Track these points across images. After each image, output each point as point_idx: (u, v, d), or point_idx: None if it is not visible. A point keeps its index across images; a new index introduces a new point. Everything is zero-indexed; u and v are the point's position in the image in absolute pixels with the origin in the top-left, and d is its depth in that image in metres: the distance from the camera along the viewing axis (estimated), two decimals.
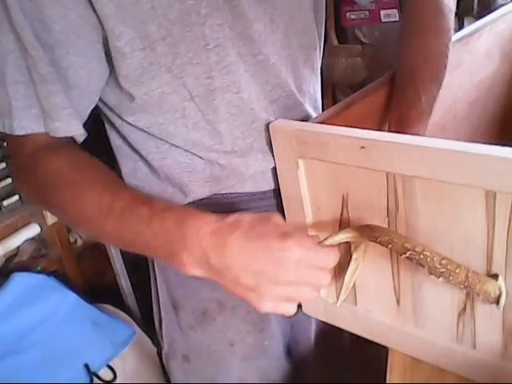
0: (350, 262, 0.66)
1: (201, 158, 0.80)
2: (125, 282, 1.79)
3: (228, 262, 0.58)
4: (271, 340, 0.91)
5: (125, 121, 0.78)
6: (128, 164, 0.85)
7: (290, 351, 0.97)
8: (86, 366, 1.36)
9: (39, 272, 1.54)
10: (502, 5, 1.28)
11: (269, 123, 0.74)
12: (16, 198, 1.44)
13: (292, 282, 0.58)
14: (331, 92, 1.81)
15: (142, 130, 0.78)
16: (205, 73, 0.72)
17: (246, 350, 0.90)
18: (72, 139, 0.75)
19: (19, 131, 0.70)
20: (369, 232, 0.63)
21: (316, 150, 0.65)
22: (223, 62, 0.73)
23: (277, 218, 0.61)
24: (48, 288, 1.48)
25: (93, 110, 0.77)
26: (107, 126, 0.85)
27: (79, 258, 1.71)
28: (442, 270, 0.57)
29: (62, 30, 0.65)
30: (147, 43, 0.68)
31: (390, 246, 0.60)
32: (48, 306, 1.43)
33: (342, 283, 0.67)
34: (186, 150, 0.79)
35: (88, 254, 1.77)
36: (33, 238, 1.56)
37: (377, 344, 0.76)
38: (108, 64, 0.71)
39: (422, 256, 0.58)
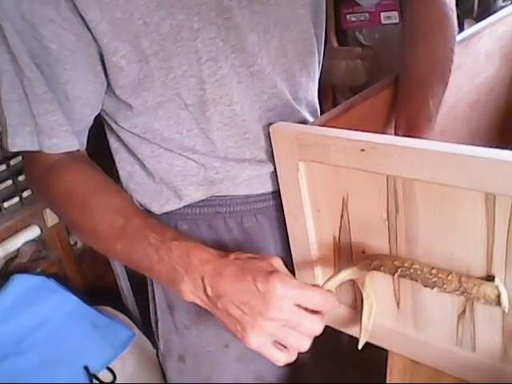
0: (362, 302, 0.68)
1: (195, 161, 0.81)
2: (125, 284, 1.79)
3: (220, 292, 0.61)
4: None
5: (121, 126, 0.79)
6: (125, 167, 0.86)
7: None
8: (86, 368, 1.36)
9: (39, 274, 1.53)
10: (503, 7, 1.29)
11: (268, 130, 0.74)
12: (16, 199, 1.44)
13: (276, 318, 0.59)
14: (331, 94, 1.81)
15: (137, 134, 0.79)
16: (197, 84, 0.73)
17: (240, 352, 0.90)
18: (79, 153, 0.77)
19: (12, 148, 0.73)
20: (363, 262, 0.64)
21: (316, 152, 0.65)
22: (216, 74, 0.73)
23: (276, 260, 0.62)
24: (48, 290, 1.47)
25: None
26: (106, 130, 0.86)
27: (79, 260, 1.71)
28: (434, 279, 0.58)
29: (58, 48, 0.67)
30: (142, 57, 0.69)
31: (382, 268, 0.62)
32: (48, 308, 1.43)
33: (361, 326, 0.68)
34: (180, 154, 0.80)
35: (88, 256, 1.77)
36: (33, 240, 1.55)
37: (377, 346, 0.76)
38: (105, 76, 0.73)
39: (412, 270, 0.59)
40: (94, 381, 1.35)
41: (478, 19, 1.18)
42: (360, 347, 0.68)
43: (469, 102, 1.02)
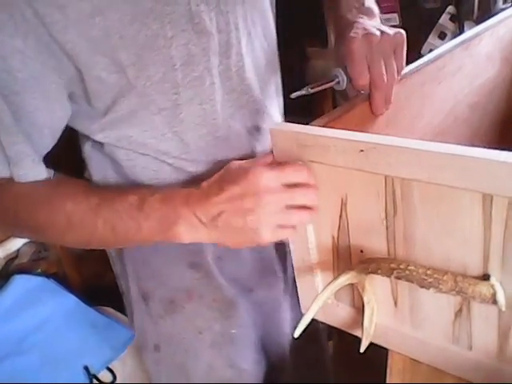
0: (363, 306, 0.69)
1: (170, 165, 0.83)
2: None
3: (214, 212, 0.66)
4: (239, 328, 0.94)
5: (95, 138, 0.81)
6: (98, 173, 0.88)
7: (266, 347, 0.99)
8: (86, 368, 1.37)
9: (39, 274, 1.55)
10: (503, 9, 1.30)
11: (239, 129, 0.78)
12: None
13: (272, 200, 0.64)
14: (331, 95, 1.83)
15: (112, 144, 0.81)
16: (172, 89, 0.76)
17: (213, 338, 0.93)
18: None
19: None
20: (361, 266, 0.66)
21: (316, 153, 0.66)
22: (188, 77, 0.76)
23: (234, 163, 0.68)
24: (48, 290, 1.49)
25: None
26: (80, 139, 0.88)
27: (79, 260, 1.73)
28: (430, 280, 0.60)
29: (26, 77, 0.69)
30: (119, 68, 0.71)
31: (379, 271, 0.64)
32: (48, 309, 1.45)
33: (362, 329, 0.70)
34: (154, 158, 0.82)
35: (88, 257, 1.79)
36: (33, 241, 1.57)
37: (376, 345, 0.77)
38: (69, 104, 0.75)
39: (407, 272, 0.61)
40: (94, 381, 1.37)
41: (478, 21, 1.20)
42: (362, 350, 0.70)
43: (469, 103, 1.03)
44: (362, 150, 0.61)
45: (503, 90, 1.12)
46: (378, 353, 0.81)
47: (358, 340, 0.77)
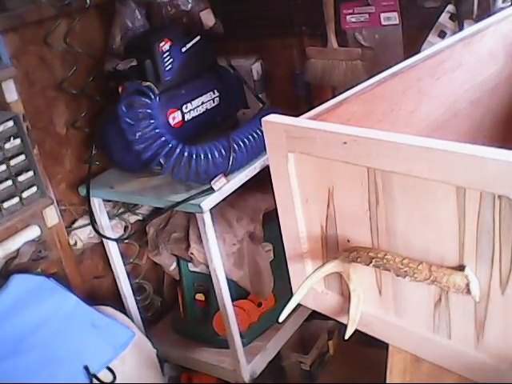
0: (349, 295, 0.75)
1: None
2: (125, 284, 1.88)
3: None
4: None
5: None
6: None
7: None
8: (86, 368, 1.43)
9: (39, 274, 1.60)
10: (502, 8, 1.36)
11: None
12: (16, 199, 1.46)
13: None
14: (331, 95, 1.89)
15: None
16: None
17: None
18: None
19: None
20: (343, 254, 0.73)
21: (303, 144, 0.72)
22: None
23: None
24: (48, 290, 1.52)
25: None
26: None
27: (79, 260, 1.79)
28: (406, 269, 0.66)
29: None
30: None
31: (359, 259, 0.70)
32: (48, 308, 1.47)
33: (349, 317, 0.75)
34: None
35: (88, 256, 1.86)
36: (33, 240, 1.61)
37: (376, 345, 0.84)
38: None
39: (385, 261, 0.67)
40: (94, 380, 1.42)
41: (478, 20, 1.26)
42: (347, 337, 0.76)
43: (470, 98, 1.08)
44: (345, 143, 0.67)
45: (507, 86, 1.16)
46: (378, 353, 0.88)
47: (358, 340, 0.84)
